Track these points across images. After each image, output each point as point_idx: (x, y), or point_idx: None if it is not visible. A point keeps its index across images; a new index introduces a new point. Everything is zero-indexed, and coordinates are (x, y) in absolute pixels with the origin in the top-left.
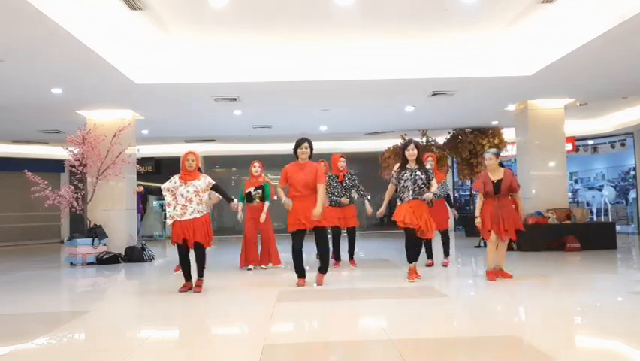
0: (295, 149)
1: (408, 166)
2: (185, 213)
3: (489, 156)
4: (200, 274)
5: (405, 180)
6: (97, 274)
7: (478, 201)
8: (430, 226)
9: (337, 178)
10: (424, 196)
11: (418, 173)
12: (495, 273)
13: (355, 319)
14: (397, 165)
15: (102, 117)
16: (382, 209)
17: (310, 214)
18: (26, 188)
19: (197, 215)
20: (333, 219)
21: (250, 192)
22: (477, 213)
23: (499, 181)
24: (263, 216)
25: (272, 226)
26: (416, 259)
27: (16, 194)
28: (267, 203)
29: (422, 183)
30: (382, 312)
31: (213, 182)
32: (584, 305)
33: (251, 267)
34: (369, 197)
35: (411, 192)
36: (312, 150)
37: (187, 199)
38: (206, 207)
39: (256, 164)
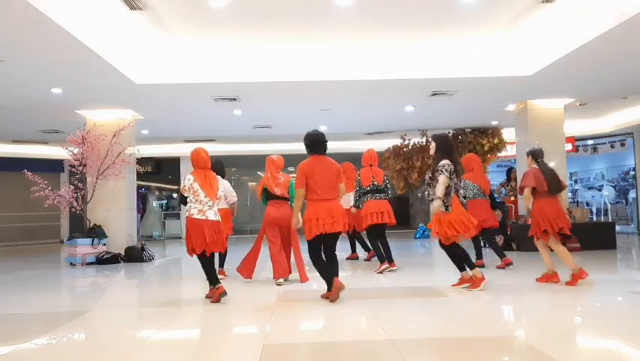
0: None
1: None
2: None
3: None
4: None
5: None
6: (97, 274)
7: (527, 201)
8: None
9: None
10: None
11: None
12: (576, 278)
13: (355, 319)
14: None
15: (102, 117)
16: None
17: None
18: (26, 188)
19: None
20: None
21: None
22: (527, 212)
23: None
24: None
25: None
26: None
27: (16, 194)
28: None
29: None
30: (382, 312)
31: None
32: (583, 305)
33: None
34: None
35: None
36: None
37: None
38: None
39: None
